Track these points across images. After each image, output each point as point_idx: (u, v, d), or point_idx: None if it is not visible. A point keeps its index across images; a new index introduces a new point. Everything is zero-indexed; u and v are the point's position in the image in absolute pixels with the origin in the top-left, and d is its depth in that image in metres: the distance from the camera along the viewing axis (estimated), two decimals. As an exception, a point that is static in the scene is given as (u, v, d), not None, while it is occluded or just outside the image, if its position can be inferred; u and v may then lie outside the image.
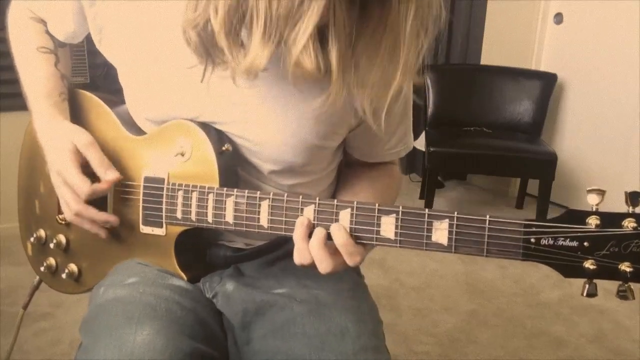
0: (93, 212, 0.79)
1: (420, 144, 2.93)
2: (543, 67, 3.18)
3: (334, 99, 0.65)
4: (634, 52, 2.75)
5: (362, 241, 0.67)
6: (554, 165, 2.71)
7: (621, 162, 2.87)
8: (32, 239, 0.95)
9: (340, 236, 0.66)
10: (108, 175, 0.77)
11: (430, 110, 3.09)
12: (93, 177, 0.78)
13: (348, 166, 0.91)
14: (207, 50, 0.65)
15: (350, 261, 0.67)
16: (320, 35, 0.59)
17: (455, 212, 0.63)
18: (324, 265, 0.66)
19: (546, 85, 3.04)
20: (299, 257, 0.68)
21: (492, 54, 3.28)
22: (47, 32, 0.89)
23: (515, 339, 1.97)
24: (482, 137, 2.99)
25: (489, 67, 3.20)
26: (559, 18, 3.07)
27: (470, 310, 2.14)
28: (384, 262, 2.48)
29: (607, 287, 0.59)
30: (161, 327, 0.72)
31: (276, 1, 0.56)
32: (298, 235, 0.67)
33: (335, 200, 0.68)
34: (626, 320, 2.11)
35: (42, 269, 0.94)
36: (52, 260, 0.93)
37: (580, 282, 0.61)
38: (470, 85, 3.15)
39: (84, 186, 0.76)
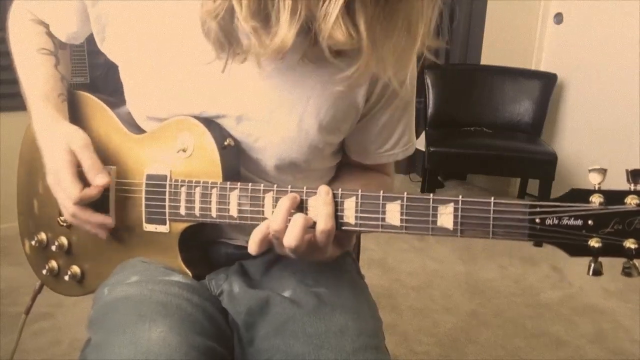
0: (89, 214, 0.79)
1: (420, 144, 2.93)
2: (543, 67, 3.18)
3: (364, 68, 0.64)
4: (634, 52, 2.75)
5: (367, 229, 0.68)
6: (554, 165, 2.71)
7: (621, 162, 2.85)
8: (33, 242, 0.94)
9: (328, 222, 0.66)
10: (97, 180, 0.76)
11: (430, 110, 3.09)
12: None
13: (340, 170, 0.91)
14: (228, 39, 0.66)
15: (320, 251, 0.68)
16: (347, 6, 0.59)
17: (460, 196, 0.63)
18: (290, 238, 0.66)
19: (546, 85, 3.04)
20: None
21: (492, 54, 3.28)
22: (48, 34, 0.89)
23: (515, 339, 1.97)
24: (482, 137, 2.99)
25: (489, 67, 3.20)
26: (559, 18, 3.07)
27: (470, 310, 2.14)
28: (384, 262, 2.48)
29: (607, 287, 0.59)
30: (174, 324, 0.71)
31: None
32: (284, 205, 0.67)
33: (340, 190, 0.68)
34: (626, 320, 2.10)
35: (44, 272, 0.94)
36: (54, 263, 0.93)
37: (580, 282, 0.61)
38: (470, 85, 3.15)
39: (74, 191, 0.76)
